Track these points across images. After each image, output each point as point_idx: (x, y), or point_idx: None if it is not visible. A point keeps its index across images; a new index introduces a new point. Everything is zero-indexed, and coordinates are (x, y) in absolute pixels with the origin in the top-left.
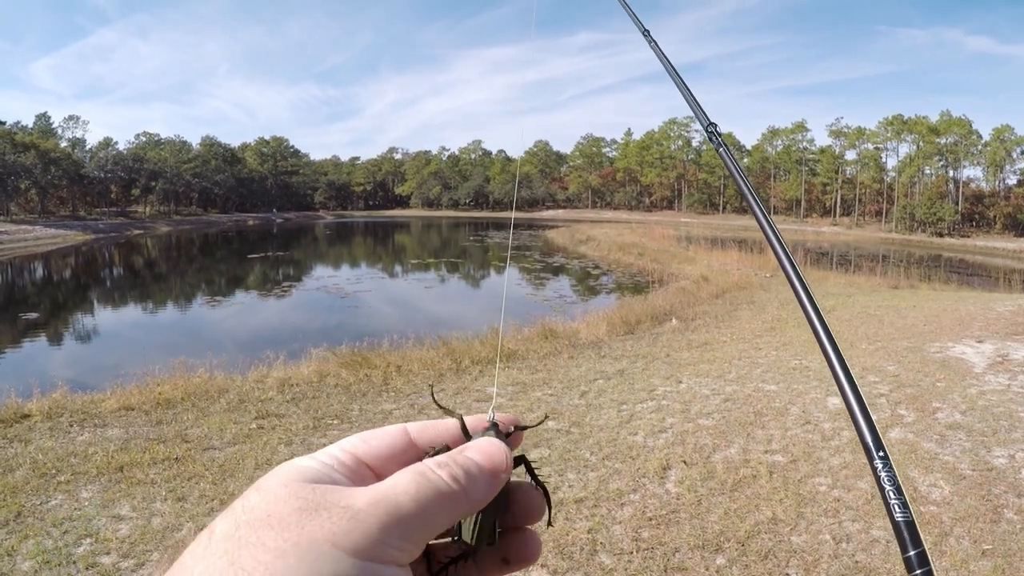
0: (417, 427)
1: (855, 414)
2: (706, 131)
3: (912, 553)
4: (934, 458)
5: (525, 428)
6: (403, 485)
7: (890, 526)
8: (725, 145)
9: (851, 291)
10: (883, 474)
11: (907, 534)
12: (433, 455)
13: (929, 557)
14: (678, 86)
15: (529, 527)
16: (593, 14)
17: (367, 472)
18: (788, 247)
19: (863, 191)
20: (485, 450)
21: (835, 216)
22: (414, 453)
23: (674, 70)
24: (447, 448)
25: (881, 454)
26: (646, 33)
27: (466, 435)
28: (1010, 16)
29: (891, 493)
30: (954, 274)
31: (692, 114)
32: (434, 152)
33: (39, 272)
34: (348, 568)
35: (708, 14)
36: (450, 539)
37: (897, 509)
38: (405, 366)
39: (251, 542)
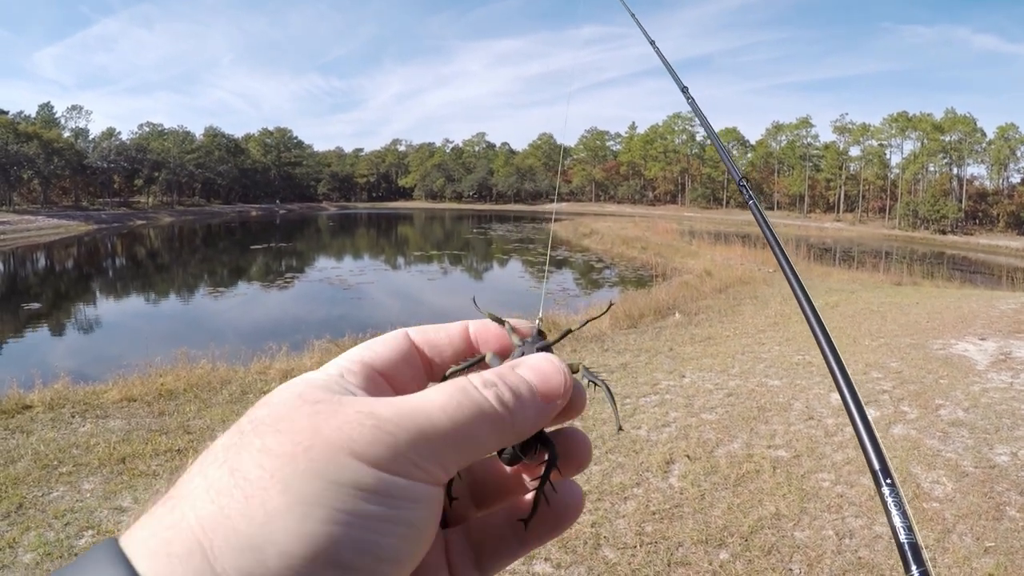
0: (417, 331)
1: (864, 444)
2: (739, 185)
3: (915, 572)
4: (937, 455)
5: (569, 332)
6: (440, 400)
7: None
8: (755, 199)
9: (854, 287)
10: (890, 499)
11: (911, 555)
12: (464, 368)
13: (930, 570)
14: (716, 146)
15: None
16: (598, 8)
17: (381, 381)
18: (801, 280)
19: (867, 187)
20: (540, 369)
21: (838, 212)
22: (420, 360)
23: (712, 129)
24: (483, 362)
25: (888, 481)
26: (685, 91)
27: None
28: (1017, 15)
29: (897, 517)
30: (957, 271)
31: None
32: (438, 144)
33: (41, 262)
34: (368, 479)
35: (713, 9)
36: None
37: (903, 532)
38: None
39: (255, 448)
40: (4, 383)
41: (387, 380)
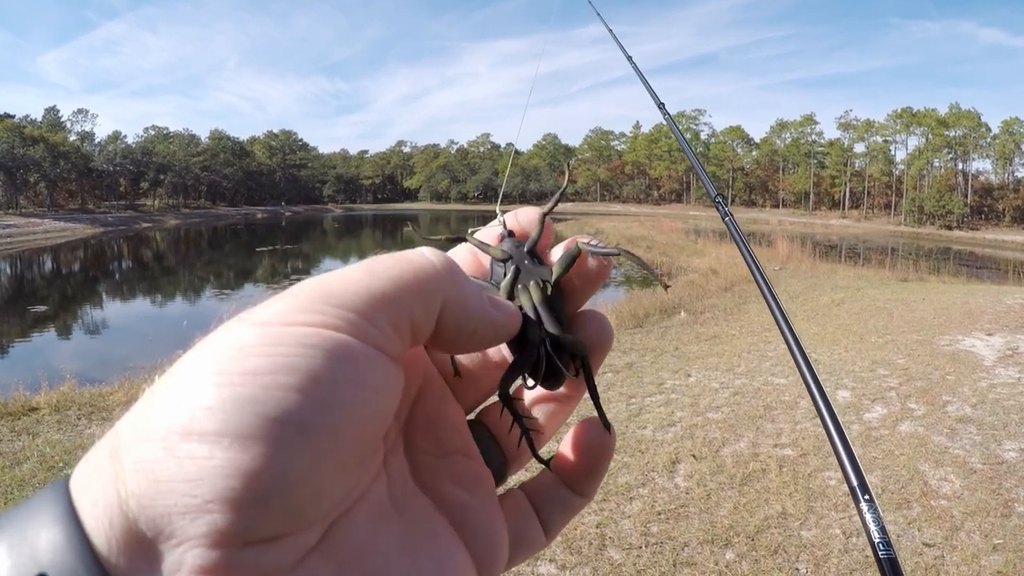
0: None
1: (842, 460)
2: (713, 201)
3: None
4: (944, 452)
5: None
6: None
7: (909, 517)
8: (731, 215)
9: (860, 284)
10: (868, 515)
11: (890, 570)
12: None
13: None
14: (692, 161)
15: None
16: (604, 5)
17: None
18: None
19: (872, 184)
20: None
21: (844, 209)
22: None
23: (687, 146)
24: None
25: (867, 497)
26: (661, 107)
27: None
28: (1023, 7)
29: (876, 533)
30: (963, 267)
31: (701, 108)
32: (442, 145)
33: (48, 265)
34: (253, 333)
35: (721, 5)
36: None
37: (881, 548)
38: None
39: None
40: (10, 385)
41: None
